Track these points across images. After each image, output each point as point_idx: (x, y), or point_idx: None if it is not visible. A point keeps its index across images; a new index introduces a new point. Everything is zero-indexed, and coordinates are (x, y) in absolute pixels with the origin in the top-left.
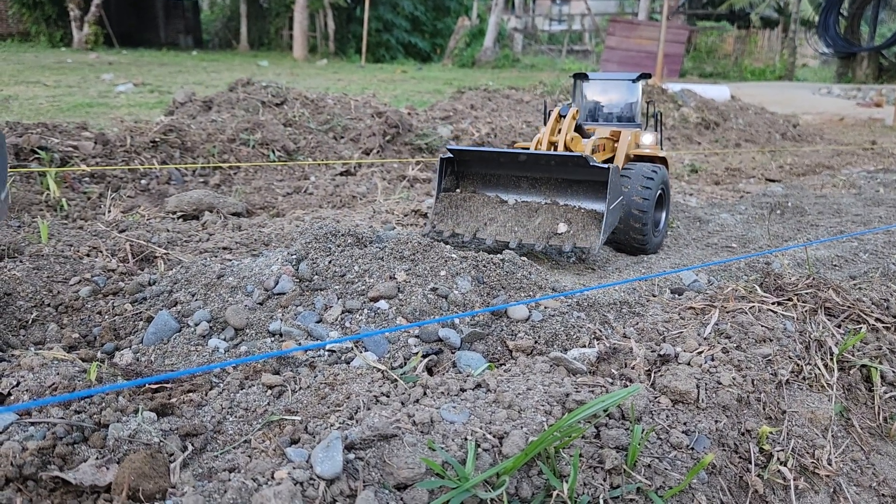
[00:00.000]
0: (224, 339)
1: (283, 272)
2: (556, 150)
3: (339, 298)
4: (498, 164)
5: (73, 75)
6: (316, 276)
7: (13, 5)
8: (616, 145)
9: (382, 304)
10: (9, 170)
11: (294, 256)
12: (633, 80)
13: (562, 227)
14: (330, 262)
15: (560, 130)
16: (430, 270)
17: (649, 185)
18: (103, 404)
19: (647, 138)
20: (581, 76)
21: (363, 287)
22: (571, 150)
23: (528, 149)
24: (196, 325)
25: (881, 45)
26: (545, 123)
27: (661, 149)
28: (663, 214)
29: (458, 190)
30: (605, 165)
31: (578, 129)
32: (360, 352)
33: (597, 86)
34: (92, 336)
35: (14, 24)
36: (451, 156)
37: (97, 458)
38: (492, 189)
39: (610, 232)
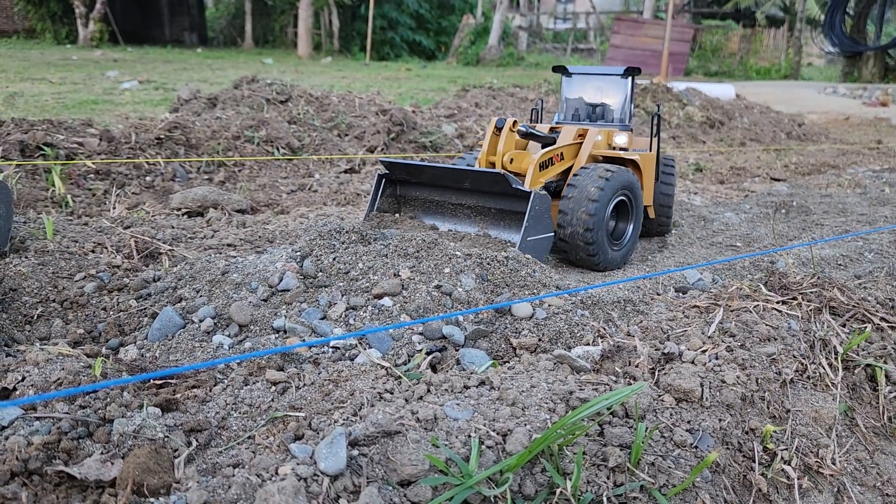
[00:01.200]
0: (228, 336)
1: (287, 269)
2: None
3: (343, 295)
4: (431, 184)
5: (78, 72)
6: (320, 273)
7: (19, 2)
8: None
9: (386, 301)
10: (14, 167)
11: (298, 253)
12: (622, 76)
13: None
14: (334, 259)
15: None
16: (434, 268)
17: (601, 188)
18: (108, 399)
19: (622, 138)
20: (561, 70)
21: (367, 284)
22: (508, 169)
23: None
24: (200, 321)
25: (887, 44)
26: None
27: (651, 150)
28: (629, 225)
29: (397, 214)
30: (527, 189)
31: (530, 136)
32: (364, 349)
33: (579, 82)
34: (97, 332)
35: (20, 20)
36: (388, 172)
37: (102, 453)
38: (431, 216)
39: None
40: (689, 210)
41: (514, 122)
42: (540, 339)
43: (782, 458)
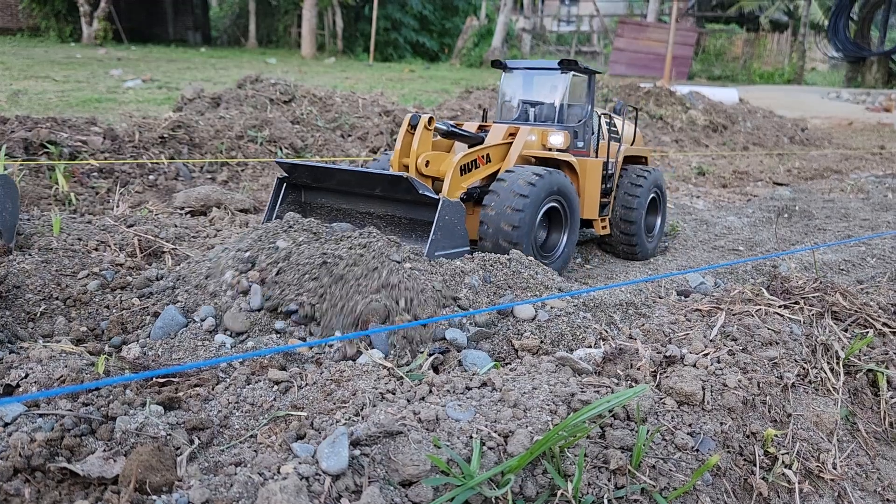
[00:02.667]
0: (230, 335)
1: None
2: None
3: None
4: (338, 190)
5: (82, 70)
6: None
7: (24, 0)
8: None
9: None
10: (18, 165)
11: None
12: (560, 69)
13: None
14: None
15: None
16: (437, 268)
17: (525, 195)
18: (111, 397)
19: (557, 138)
20: (500, 65)
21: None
22: (424, 174)
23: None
24: (203, 320)
25: (891, 49)
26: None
27: (597, 155)
28: (563, 236)
29: None
30: (436, 196)
31: (453, 136)
32: (367, 349)
33: (518, 78)
34: (100, 329)
35: (24, 18)
36: (288, 175)
37: (105, 451)
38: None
39: None
40: (692, 213)
41: (431, 120)
42: (542, 341)
43: (783, 462)
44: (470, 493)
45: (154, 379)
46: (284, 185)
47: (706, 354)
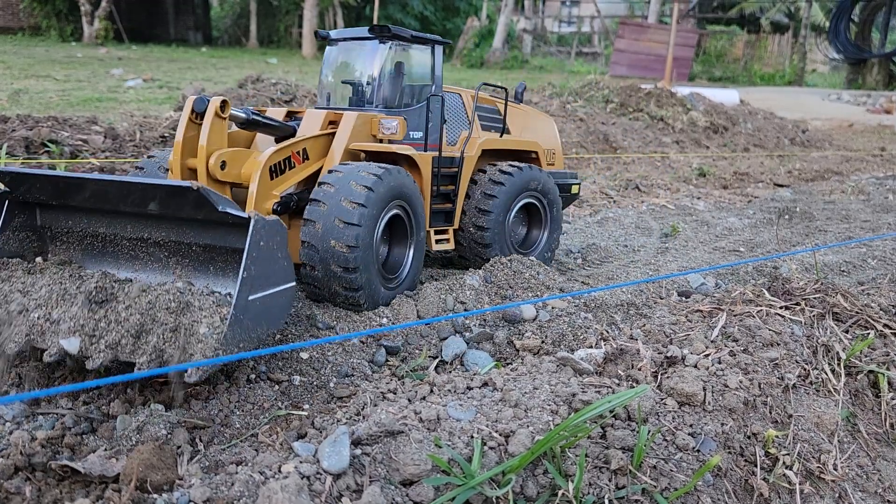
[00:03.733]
0: None
1: None
2: (196, 178)
3: None
4: (94, 209)
5: (82, 70)
6: None
7: None
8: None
9: None
10: (19, 163)
11: None
12: (376, 39)
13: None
14: None
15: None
16: (439, 269)
17: (362, 203)
18: (111, 396)
19: (390, 124)
20: (322, 37)
21: None
22: (220, 180)
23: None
24: None
25: (892, 51)
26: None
27: (460, 147)
28: (409, 251)
29: (39, 258)
30: (242, 214)
31: (255, 125)
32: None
33: (341, 52)
34: None
35: (25, 17)
36: (11, 189)
37: (106, 449)
38: (98, 259)
39: (237, 350)
40: (692, 214)
41: (225, 104)
42: (543, 342)
43: (784, 462)
44: (471, 492)
45: (155, 378)
46: (6, 203)
47: (707, 355)
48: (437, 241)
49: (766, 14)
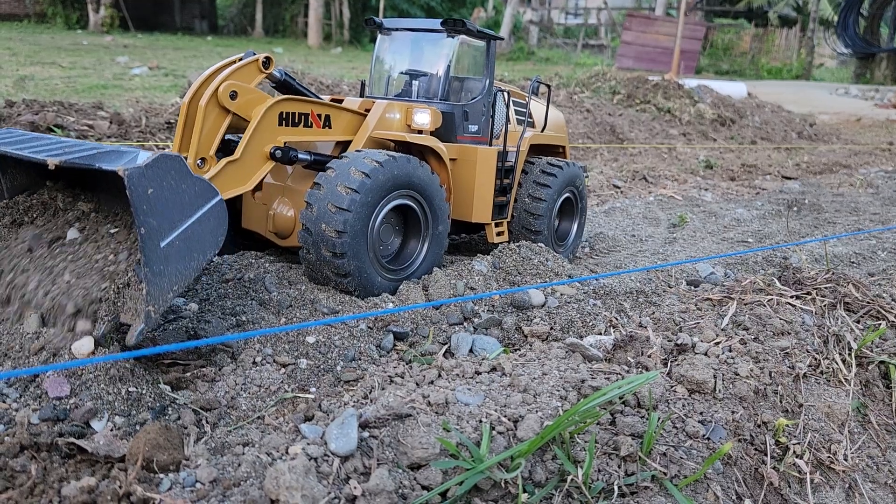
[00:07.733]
0: None
1: None
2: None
3: None
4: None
5: (88, 57)
6: None
7: None
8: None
9: None
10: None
11: None
12: (444, 32)
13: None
14: None
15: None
16: (447, 255)
17: (355, 188)
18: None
19: (422, 117)
20: (374, 24)
21: None
22: (227, 108)
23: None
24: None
25: None
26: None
27: (495, 143)
28: (423, 245)
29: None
30: (113, 169)
31: (288, 89)
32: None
33: (397, 42)
34: None
35: (31, 4)
36: None
37: (112, 429)
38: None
39: (173, 294)
40: (700, 206)
41: (269, 60)
42: (552, 328)
43: (794, 452)
44: (479, 476)
45: (161, 359)
46: None
47: (717, 343)
48: (498, 234)
49: (774, 7)
